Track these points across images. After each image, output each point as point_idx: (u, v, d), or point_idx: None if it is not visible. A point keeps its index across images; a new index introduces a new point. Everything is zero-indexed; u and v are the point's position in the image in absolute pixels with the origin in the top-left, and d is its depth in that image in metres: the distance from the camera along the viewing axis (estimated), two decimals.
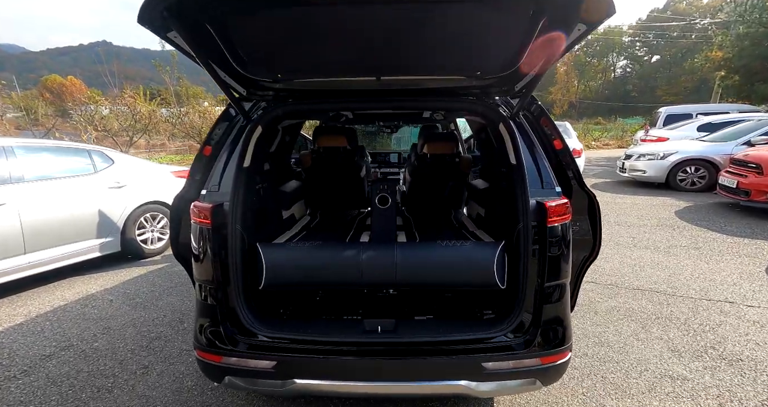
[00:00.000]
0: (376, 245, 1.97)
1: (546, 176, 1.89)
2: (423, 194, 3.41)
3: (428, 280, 1.90)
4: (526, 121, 2.12)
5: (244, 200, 1.94)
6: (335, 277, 1.90)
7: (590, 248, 2.15)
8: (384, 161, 5.71)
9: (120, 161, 4.68)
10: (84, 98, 14.76)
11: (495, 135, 2.31)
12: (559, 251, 1.73)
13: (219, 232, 1.79)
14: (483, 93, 2.10)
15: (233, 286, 1.80)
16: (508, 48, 1.71)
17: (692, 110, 12.22)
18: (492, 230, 2.51)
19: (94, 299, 3.54)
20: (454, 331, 1.76)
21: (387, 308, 2.24)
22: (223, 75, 1.84)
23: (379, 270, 1.88)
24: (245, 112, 2.08)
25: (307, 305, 2.23)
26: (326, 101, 2.08)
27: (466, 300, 2.27)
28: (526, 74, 1.88)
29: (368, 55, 1.80)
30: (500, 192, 2.36)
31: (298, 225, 2.94)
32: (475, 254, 1.87)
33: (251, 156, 2.03)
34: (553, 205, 1.70)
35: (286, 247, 1.98)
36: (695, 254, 4.36)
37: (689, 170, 7.76)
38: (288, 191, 2.79)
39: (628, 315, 3.10)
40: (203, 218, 1.78)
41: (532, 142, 2.01)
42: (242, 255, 1.86)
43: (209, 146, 2.21)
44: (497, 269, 1.82)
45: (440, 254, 1.90)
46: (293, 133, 3.24)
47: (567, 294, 1.81)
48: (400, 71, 1.95)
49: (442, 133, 3.90)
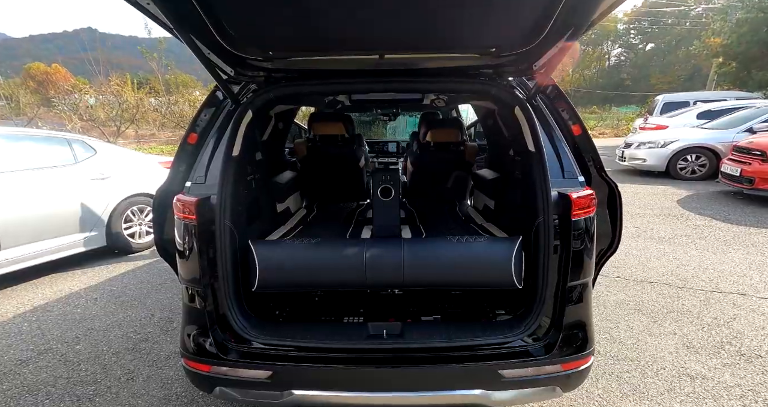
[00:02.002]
0: (381, 242, 1.79)
1: (567, 164, 1.72)
2: (426, 184, 3.23)
3: (438, 280, 1.74)
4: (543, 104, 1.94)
5: (233, 193, 1.74)
6: (336, 278, 1.73)
7: (608, 242, 2.00)
8: (382, 150, 5.51)
9: (103, 151, 4.43)
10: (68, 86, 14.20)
11: (508, 120, 2.12)
12: (583, 247, 1.58)
13: (205, 228, 1.60)
14: (496, 73, 1.91)
15: (223, 288, 1.62)
16: (529, 19, 1.52)
17: (690, 98, 12.12)
18: (503, 223, 2.35)
19: (78, 297, 3.34)
20: (465, 335, 1.61)
21: (391, 308, 2.08)
22: (207, 52, 1.62)
23: (384, 270, 1.71)
24: (233, 95, 1.87)
25: (305, 306, 2.07)
26: (323, 83, 1.87)
27: (475, 298, 2.12)
28: (548, 51, 1.69)
29: (370, 30, 1.59)
30: (513, 183, 2.19)
31: (294, 219, 2.76)
32: (490, 251, 1.71)
33: (241, 144, 1.83)
34: (577, 196, 1.53)
35: (281, 245, 1.80)
36: (701, 245, 4.26)
37: (690, 158, 7.66)
38: (282, 183, 2.60)
39: (638, 309, 2.98)
40: (188, 214, 1.58)
41: (551, 127, 1.83)
42: (232, 254, 1.68)
43: (194, 133, 2.00)
44: (515, 268, 1.66)
45: (451, 251, 1.73)
46: (287, 120, 3.03)
47: (590, 294, 1.66)
48: (406, 48, 1.74)
49: (446, 119, 3.72)
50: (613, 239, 2.01)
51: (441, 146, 3.01)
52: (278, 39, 1.66)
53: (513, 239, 1.72)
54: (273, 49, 1.74)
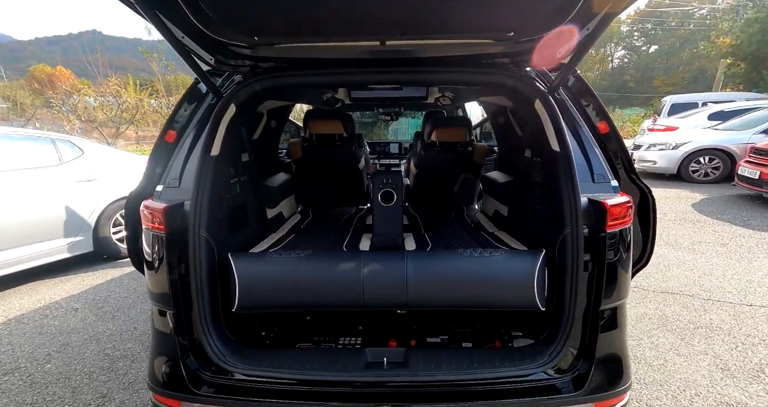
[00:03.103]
0: (381, 255, 1.56)
1: (597, 166, 1.49)
2: (431, 187, 3.00)
3: (448, 301, 1.51)
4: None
5: (211, 198, 1.52)
6: (328, 297, 1.50)
7: (638, 253, 1.77)
8: (384, 151, 5.28)
9: (91, 152, 4.22)
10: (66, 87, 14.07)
11: (526, 117, 1.90)
12: (619, 263, 1.34)
13: (176, 239, 1.38)
14: (513, 62, 1.68)
15: (197, 310, 1.40)
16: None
17: (698, 99, 11.83)
18: (518, 232, 2.11)
19: (57, 307, 3.12)
20: (479, 364, 1.37)
21: (393, 326, 1.85)
22: (180, 35, 1.40)
23: (385, 288, 1.48)
24: (215, 87, 1.65)
25: (295, 325, 1.84)
26: (316, 73, 1.65)
27: (488, 316, 1.89)
28: (574, 36, 1.46)
29: (369, 12, 1.37)
30: (531, 187, 1.95)
31: (286, 226, 2.53)
32: (509, 267, 1.47)
33: (222, 143, 1.60)
34: (613, 204, 1.30)
35: (265, 258, 1.57)
36: (723, 252, 4.01)
37: (703, 160, 7.39)
38: (274, 186, 2.37)
39: (662, 324, 2.74)
40: (155, 223, 1.36)
41: (577, 123, 1.60)
42: (209, 268, 1.45)
43: (173, 130, 1.78)
44: (538, 287, 1.42)
45: (463, 266, 1.50)
46: (281, 118, 2.81)
47: (625, 318, 1.43)
48: (410, 33, 1.52)
49: (453, 117, 3.49)
50: (644, 250, 1.77)
51: (447, 147, 2.78)
52: (264, 22, 1.44)
53: (535, 253, 1.49)
54: (258, 34, 1.51)
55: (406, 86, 2.59)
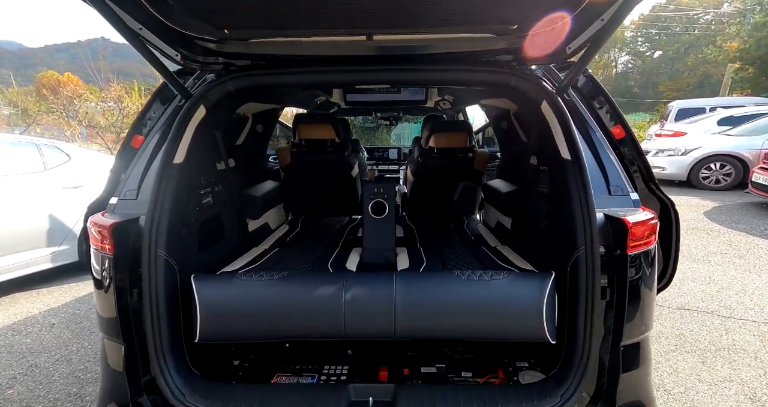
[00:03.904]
0: (367, 277, 1.37)
1: (614, 176, 1.30)
2: (428, 196, 2.81)
3: (441, 332, 1.31)
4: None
5: (174, 212, 1.34)
6: (305, 328, 1.31)
7: (659, 273, 1.57)
8: (382, 157, 5.10)
9: (78, 157, 4.07)
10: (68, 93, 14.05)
11: (531, 121, 1.71)
12: (643, 290, 1.15)
13: (127, 262, 1.20)
14: (516, 59, 1.50)
15: (153, 341, 1.21)
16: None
17: (705, 104, 11.61)
18: (523, 248, 1.92)
19: (32, 323, 2.95)
20: (478, 404, 1.17)
21: (384, 353, 1.66)
22: (138, 27, 1.23)
23: (370, 317, 1.29)
24: (182, 87, 1.48)
25: (273, 353, 1.65)
26: (293, 72, 1.47)
27: (489, 342, 1.69)
28: (586, 29, 1.27)
29: (353, 2, 1.20)
30: (537, 198, 1.76)
31: (271, 239, 2.35)
32: (513, 294, 1.28)
33: (188, 149, 1.43)
34: (635, 222, 1.11)
35: (232, 281, 1.38)
36: (741, 264, 3.77)
37: (714, 166, 7.16)
38: (257, 196, 2.20)
39: (680, 346, 2.51)
40: (102, 242, 1.18)
41: (589, 127, 1.42)
42: (168, 294, 1.27)
43: (140, 135, 1.61)
44: (547, 316, 1.23)
45: (460, 291, 1.30)
46: (268, 122, 2.64)
47: (650, 354, 1.23)
48: (400, 26, 1.34)
49: (452, 121, 3.32)
50: (666, 269, 1.57)
51: (446, 153, 2.60)
52: (233, 13, 1.27)
53: (543, 276, 1.29)
54: (228, 27, 1.35)
55: (396, 86, 2.42)
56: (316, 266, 1.76)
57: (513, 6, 1.22)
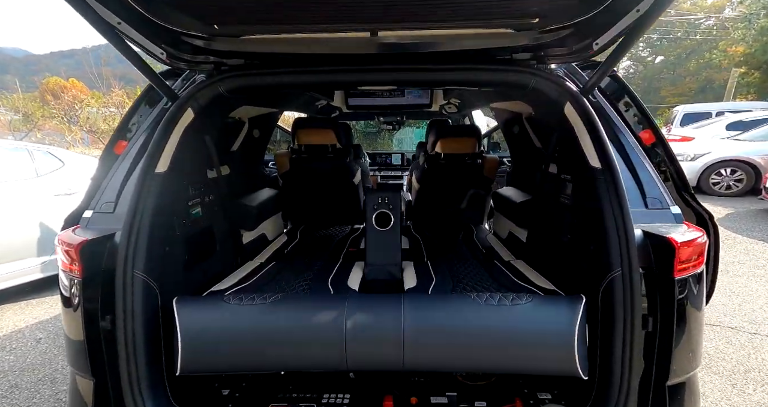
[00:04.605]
0: (371, 301, 1.22)
1: (651, 187, 1.16)
2: (435, 205, 2.67)
3: (455, 364, 1.16)
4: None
5: (156, 226, 1.20)
6: (301, 360, 1.16)
7: None
8: (385, 162, 4.96)
9: (72, 164, 3.96)
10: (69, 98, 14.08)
11: (553, 124, 1.57)
12: (690, 321, 0.99)
13: (98, 285, 1.05)
14: (536, 57, 1.36)
15: (127, 376, 1.06)
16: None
17: (711, 109, 11.48)
18: (541, 265, 1.76)
19: (18, 338, 2.81)
20: None
21: (389, 379, 1.50)
22: (116, 21, 1.10)
23: (375, 347, 1.14)
24: (168, 88, 1.35)
25: (267, 380, 1.50)
26: (290, 72, 1.34)
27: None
28: (618, 21, 1.13)
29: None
30: (558, 210, 1.61)
31: (267, 251, 2.20)
32: (538, 321, 1.12)
33: (173, 155, 1.29)
34: (684, 242, 0.96)
35: (219, 305, 1.22)
36: (762, 275, 3.60)
37: (724, 172, 6.99)
38: (253, 206, 2.06)
39: (706, 364, 2.34)
40: (69, 263, 1.04)
41: (619, 132, 1.27)
42: (147, 320, 1.12)
43: (124, 140, 1.49)
44: (579, 348, 1.07)
45: (477, 317, 1.15)
46: (266, 127, 2.51)
47: (699, 396, 1.07)
48: (408, 21, 1.21)
49: (461, 126, 3.18)
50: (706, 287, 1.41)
51: (454, 159, 2.46)
52: (224, 7, 1.14)
53: (572, 301, 1.14)
54: (219, 22, 1.22)
55: (403, 87, 2.28)
56: (315, 284, 1.61)
57: (533, 3, 1.08)
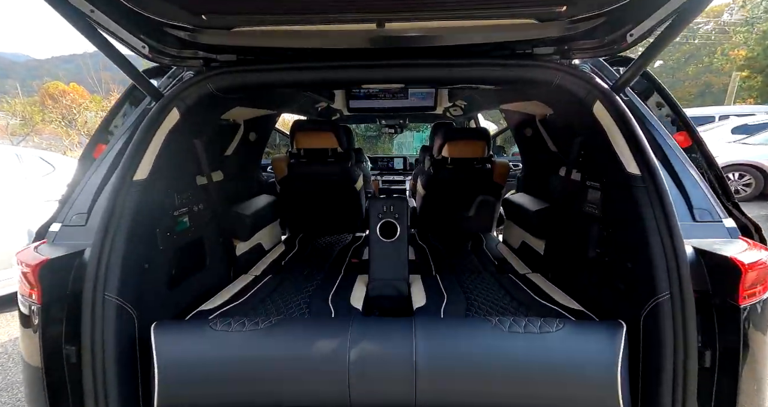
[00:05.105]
0: (378, 326, 1.08)
1: (698, 197, 1.02)
2: (442, 212, 2.53)
3: (476, 402, 1.01)
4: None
5: (133, 241, 1.06)
6: (297, 395, 1.01)
7: None
8: (386, 167, 4.82)
9: (64, 168, 3.82)
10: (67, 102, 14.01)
11: (578, 125, 1.43)
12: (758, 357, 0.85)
13: (63, 312, 0.91)
14: (559, 51, 1.23)
15: None
16: None
17: (713, 113, 11.38)
18: (562, 279, 1.61)
19: (1, 351, 2.65)
20: None
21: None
22: (87, 8, 0.97)
23: (382, 379, 0.99)
24: (149, 85, 1.21)
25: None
26: (286, 68, 1.21)
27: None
28: (656, 10, 1.00)
29: None
30: (584, 221, 1.47)
31: (263, 263, 2.06)
32: (573, 352, 0.98)
33: (154, 161, 1.16)
34: (751, 262, 0.82)
35: (204, 332, 1.07)
36: None
37: (732, 176, 6.86)
38: (248, 214, 1.92)
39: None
40: (27, 286, 0.90)
41: (657, 134, 1.14)
42: (119, 353, 0.98)
43: (103, 143, 1.35)
44: (622, 385, 0.92)
45: (501, 347, 1.01)
46: (262, 129, 2.37)
47: None
48: (417, 11, 1.08)
49: (469, 129, 3.05)
50: None
51: (462, 164, 2.33)
52: None
53: (610, 328, 0.99)
54: (207, 11, 1.08)
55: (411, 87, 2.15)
56: (314, 303, 1.46)
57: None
